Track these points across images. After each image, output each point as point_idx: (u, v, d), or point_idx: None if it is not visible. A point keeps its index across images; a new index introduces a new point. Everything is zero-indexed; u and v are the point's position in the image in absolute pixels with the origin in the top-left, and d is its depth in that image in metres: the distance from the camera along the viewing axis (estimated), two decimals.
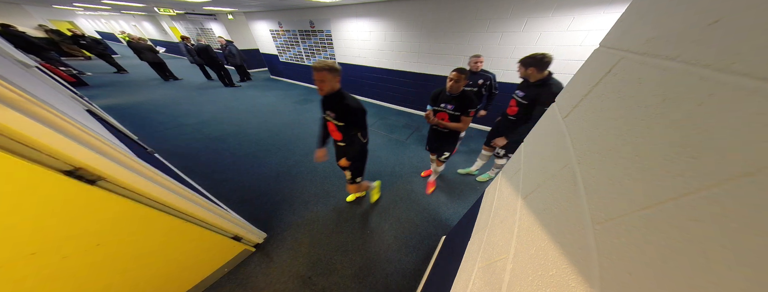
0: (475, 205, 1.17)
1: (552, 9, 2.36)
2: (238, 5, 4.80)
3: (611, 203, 0.33)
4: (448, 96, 1.52)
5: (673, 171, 0.25)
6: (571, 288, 0.35)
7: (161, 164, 2.01)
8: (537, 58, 1.46)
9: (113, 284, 1.02)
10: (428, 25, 3.25)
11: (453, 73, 1.44)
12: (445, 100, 1.56)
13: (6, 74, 0.99)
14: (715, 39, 0.25)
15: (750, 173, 0.19)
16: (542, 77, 1.51)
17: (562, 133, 0.55)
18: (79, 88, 4.96)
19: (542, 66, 1.47)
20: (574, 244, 0.38)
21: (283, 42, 5.81)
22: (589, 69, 0.53)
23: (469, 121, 1.55)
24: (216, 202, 1.60)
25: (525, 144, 0.84)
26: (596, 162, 0.39)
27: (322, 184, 2.35)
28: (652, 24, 0.36)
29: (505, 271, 0.55)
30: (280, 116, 4.13)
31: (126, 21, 13.96)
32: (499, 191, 0.91)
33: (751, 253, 0.18)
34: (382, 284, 1.46)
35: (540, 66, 1.47)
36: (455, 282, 0.86)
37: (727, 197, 0.20)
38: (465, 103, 1.48)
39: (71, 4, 6.98)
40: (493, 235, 0.74)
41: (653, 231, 0.26)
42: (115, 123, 2.71)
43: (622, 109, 0.37)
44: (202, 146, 3.01)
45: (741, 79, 0.21)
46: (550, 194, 0.51)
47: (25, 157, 0.64)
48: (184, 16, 8.14)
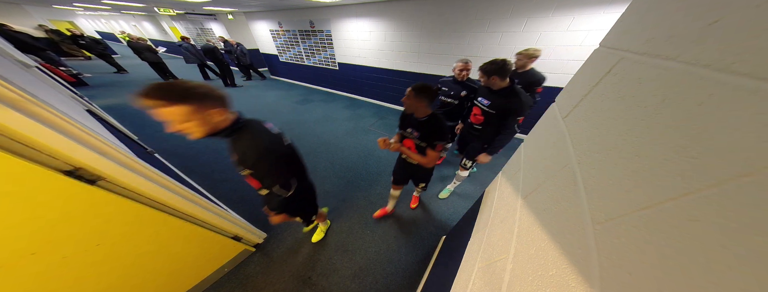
0: (475, 205, 1.17)
1: (552, 9, 2.36)
2: (238, 5, 4.80)
3: (611, 203, 0.33)
4: (416, 120, 1.18)
5: (673, 171, 0.25)
6: (571, 288, 0.35)
7: (161, 164, 2.02)
8: (498, 65, 1.32)
9: (113, 284, 1.02)
10: (428, 25, 3.25)
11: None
12: (412, 123, 1.22)
13: (6, 74, 0.99)
14: (715, 39, 0.25)
15: (750, 173, 0.19)
16: (506, 85, 1.39)
17: (562, 133, 0.55)
18: (79, 88, 4.96)
19: (504, 73, 1.34)
20: (574, 244, 0.38)
21: (283, 42, 5.80)
22: (589, 69, 0.53)
23: (435, 157, 1.20)
24: (216, 202, 1.60)
25: (525, 144, 0.84)
26: (596, 162, 0.39)
27: (322, 184, 2.34)
28: (652, 24, 0.36)
29: (505, 271, 0.55)
30: (280, 116, 4.13)
31: (126, 21, 13.96)
32: (499, 191, 0.92)
33: (751, 253, 0.18)
34: (382, 284, 1.46)
35: (502, 73, 1.33)
36: (455, 282, 0.86)
37: (727, 197, 0.20)
38: (432, 132, 1.14)
39: (71, 4, 6.98)
40: (493, 235, 0.74)
41: (653, 231, 0.26)
42: (115, 123, 2.71)
43: (622, 109, 0.37)
44: (202, 146, 3.00)
45: (741, 79, 0.21)
46: (550, 194, 0.51)
47: (25, 157, 0.64)
48: (184, 16, 8.14)
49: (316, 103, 4.88)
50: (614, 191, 0.33)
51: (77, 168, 0.74)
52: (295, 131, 3.54)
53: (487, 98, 1.50)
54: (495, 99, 1.45)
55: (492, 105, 1.47)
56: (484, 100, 1.51)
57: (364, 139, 3.32)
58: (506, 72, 1.34)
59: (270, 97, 5.30)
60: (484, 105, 1.51)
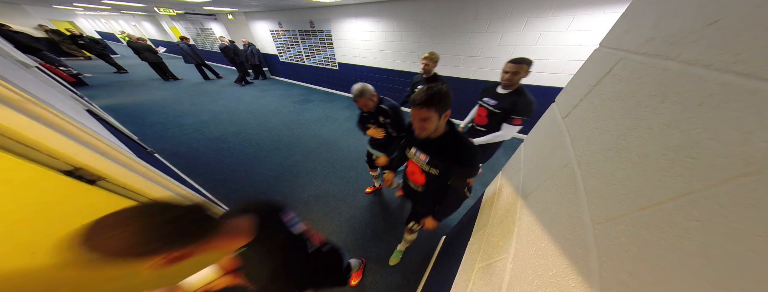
0: (475, 205, 1.17)
1: (552, 9, 2.36)
2: (238, 5, 4.80)
3: (611, 203, 0.33)
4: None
5: (673, 171, 0.25)
6: (571, 288, 0.35)
7: (161, 164, 2.01)
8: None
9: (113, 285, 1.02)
10: (428, 25, 3.25)
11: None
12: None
13: (6, 74, 0.99)
14: (715, 39, 0.25)
15: (750, 173, 0.19)
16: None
17: (562, 133, 0.55)
18: (79, 88, 4.96)
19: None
20: (574, 244, 0.38)
21: (283, 42, 5.80)
22: (589, 69, 0.53)
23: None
24: (216, 202, 1.60)
25: (525, 144, 0.84)
26: (596, 162, 0.39)
27: (322, 184, 2.35)
28: (652, 24, 0.36)
29: (505, 271, 0.55)
30: (280, 116, 4.13)
31: (126, 21, 13.95)
32: (499, 191, 0.92)
33: (751, 253, 0.18)
34: (383, 284, 1.46)
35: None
36: (455, 282, 0.86)
37: (727, 197, 0.20)
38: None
39: (71, 4, 6.98)
40: (493, 235, 0.74)
41: (653, 231, 0.26)
42: (115, 123, 2.71)
43: (622, 109, 0.37)
44: (202, 146, 3.00)
45: (741, 79, 0.21)
46: (550, 194, 0.51)
47: (25, 157, 0.64)
48: (184, 16, 8.13)
49: (316, 103, 4.87)
50: (614, 191, 0.33)
51: (77, 168, 0.74)
52: (294, 131, 3.54)
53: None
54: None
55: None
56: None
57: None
58: None
59: (270, 97, 5.30)
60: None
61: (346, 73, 4.97)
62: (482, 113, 1.59)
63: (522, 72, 1.33)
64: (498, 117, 1.49)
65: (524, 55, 1.49)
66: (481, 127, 1.62)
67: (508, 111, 1.42)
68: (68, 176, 0.71)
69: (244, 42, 5.81)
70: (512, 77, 1.35)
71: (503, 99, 1.44)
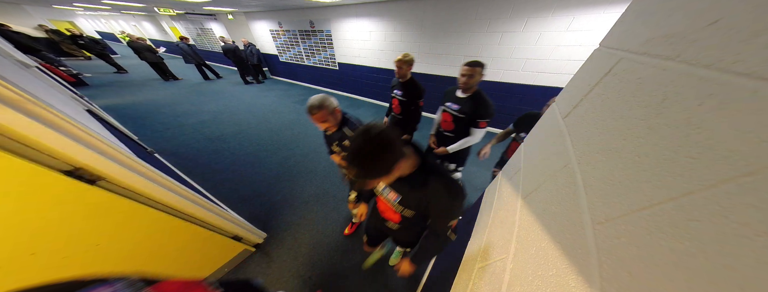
0: (475, 205, 1.17)
1: (552, 9, 2.36)
2: (238, 5, 4.80)
3: (611, 203, 0.33)
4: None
5: (673, 171, 0.25)
6: (571, 288, 0.35)
7: (161, 164, 2.02)
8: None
9: None
10: (428, 25, 3.25)
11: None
12: None
13: (6, 74, 0.99)
14: (715, 39, 0.25)
15: (750, 172, 0.19)
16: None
17: (562, 134, 0.55)
18: (79, 88, 4.96)
19: None
20: (574, 244, 0.38)
21: (283, 42, 5.80)
22: (589, 69, 0.53)
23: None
24: (216, 202, 1.60)
25: (525, 144, 0.84)
26: (596, 162, 0.39)
27: (322, 184, 2.35)
28: (652, 24, 0.36)
29: (505, 271, 0.55)
30: (280, 116, 4.13)
31: (126, 21, 13.95)
32: (499, 191, 0.92)
33: (751, 253, 0.18)
34: (382, 283, 1.46)
35: None
36: (455, 282, 0.86)
37: (727, 197, 0.20)
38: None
39: (71, 4, 6.98)
40: (493, 235, 0.74)
41: (653, 231, 0.26)
42: (115, 123, 2.71)
43: (622, 109, 0.37)
44: (202, 146, 3.00)
45: (741, 79, 0.21)
46: (550, 194, 0.51)
47: (25, 157, 0.64)
48: (184, 16, 8.13)
49: None
50: (614, 191, 0.33)
51: (77, 168, 0.74)
52: (294, 131, 3.54)
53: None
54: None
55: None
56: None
57: None
58: None
59: (270, 97, 5.30)
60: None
61: (346, 73, 4.97)
62: (447, 119, 1.57)
63: (476, 75, 1.33)
64: (463, 121, 1.49)
65: (524, 55, 1.49)
66: (449, 133, 1.61)
67: (472, 115, 1.43)
68: (68, 176, 0.71)
69: (244, 42, 5.82)
70: (468, 80, 1.35)
71: (464, 103, 1.44)
